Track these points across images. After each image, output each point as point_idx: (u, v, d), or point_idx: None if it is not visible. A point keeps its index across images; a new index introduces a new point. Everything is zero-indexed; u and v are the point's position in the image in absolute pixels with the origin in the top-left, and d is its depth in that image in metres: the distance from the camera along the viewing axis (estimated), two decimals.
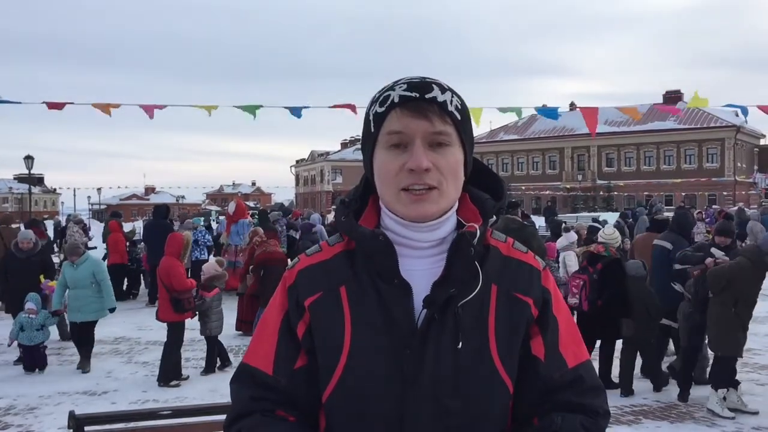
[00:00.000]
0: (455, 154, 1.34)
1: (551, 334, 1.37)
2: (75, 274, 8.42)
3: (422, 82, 1.34)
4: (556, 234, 13.48)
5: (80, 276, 8.40)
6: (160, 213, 14.13)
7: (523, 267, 1.40)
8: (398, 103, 1.31)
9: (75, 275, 8.42)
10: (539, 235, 9.84)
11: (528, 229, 9.07)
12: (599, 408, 1.38)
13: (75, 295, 8.40)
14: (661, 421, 6.37)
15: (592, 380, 1.39)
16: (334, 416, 1.33)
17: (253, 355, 1.40)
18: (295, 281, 1.39)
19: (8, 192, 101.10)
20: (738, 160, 56.02)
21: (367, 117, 1.38)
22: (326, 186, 77.72)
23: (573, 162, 62.47)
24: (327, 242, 1.45)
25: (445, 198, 1.33)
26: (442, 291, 1.29)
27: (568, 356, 1.38)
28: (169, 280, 7.67)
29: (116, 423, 3.69)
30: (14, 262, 9.20)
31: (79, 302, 8.40)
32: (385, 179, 1.34)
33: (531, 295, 1.37)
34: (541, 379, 1.35)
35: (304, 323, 1.35)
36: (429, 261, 1.35)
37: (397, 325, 1.29)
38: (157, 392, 7.42)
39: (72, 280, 8.41)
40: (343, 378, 1.30)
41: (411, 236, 1.35)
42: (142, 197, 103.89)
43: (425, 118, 1.30)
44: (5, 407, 6.98)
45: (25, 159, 32.06)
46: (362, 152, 1.43)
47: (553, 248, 11.33)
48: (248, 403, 1.36)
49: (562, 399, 1.35)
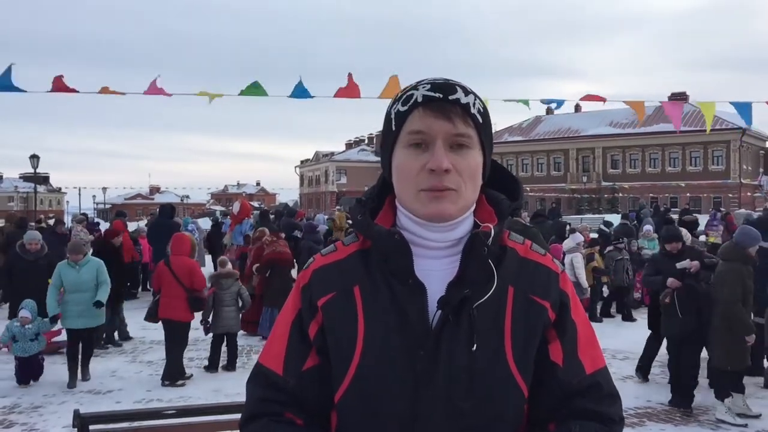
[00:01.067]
0: (475, 156, 1.34)
1: (570, 339, 1.36)
2: (77, 277, 7.67)
3: (446, 83, 1.34)
4: (560, 236, 13.43)
5: (83, 278, 7.69)
6: (165, 213, 14.16)
7: (541, 269, 1.38)
8: (421, 102, 1.31)
9: (77, 277, 7.67)
10: (542, 237, 9.80)
11: (530, 231, 9.07)
12: (615, 416, 1.37)
13: (75, 300, 7.62)
14: (665, 423, 6.36)
15: (608, 387, 1.38)
16: (347, 416, 1.32)
17: (267, 355, 1.41)
18: (309, 281, 1.39)
19: (14, 191, 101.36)
20: (744, 163, 55.83)
21: (389, 115, 1.37)
22: (331, 186, 77.70)
23: (578, 164, 62.37)
24: (342, 242, 1.45)
25: (463, 199, 1.33)
26: (457, 292, 1.28)
27: (587, 362, 1.36)
28: (191, 279, 7.78)
29: (121, 422, 3.70)
30: (20, 264, 8.75)
31: (80, 307, 7.60)
32: (405, 179, 1.33)
33: (548, 298, 1.35)
34: (559, 385, 1.33)
35: (317, 323, 1.35)
36: (444, 261, 1.34)
37: (410, 326, 1.28)
38: (162, 392, 7.42)
39: (73, 283, 7.65)
40: (356, 378, 1.29)
41: (427, 236, 1.35)
42: (147, 197, 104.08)
43: (448, 119, 1.30)
44: (10, 406, 6.99)
45: (31, 158, 32.20)
46: (381, 150, 1.43)
47: (558, 250, 11.30)
48: (258, 404, 1.37)
49: (579, 406, 1.34)
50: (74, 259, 7.80)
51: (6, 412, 6.79)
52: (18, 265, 8.73)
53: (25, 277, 8.58)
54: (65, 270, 7.76)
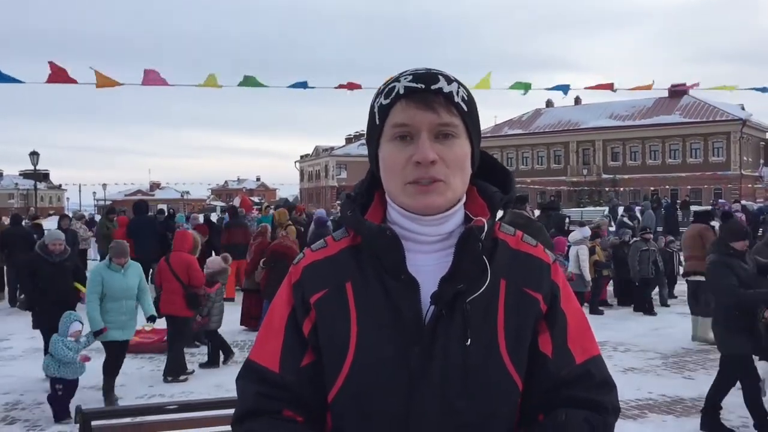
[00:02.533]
0: (462, 146, 1.32)
1: (559, 329, 1.35)
2: (123, 282, 6.82)
3: (428, 73, 1.32)
4: (560, 229, 13.44)
5: (130, 284, 6.87)
6: (141, 209, 14.34)
7: (533, 261, 1.37)
8: (404, 94, 1.30)
9: (123, 283, 6.82)
10: (546, 231, 9.77)
11: (534, 224, 9.04)
12: (608, 404, 1.34)
13: (120, 308, 6.81)
14: (666, 415, 6.37)
15: (601, 376, 1.36)
16: (341, 414, 1.31)
17: (259, 352, 1.38)
18: (300, 278, 1.37)
19: (14, 188, 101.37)
20: (744, 154, 55.75)
21: (372, 109, 1.36)
22: (331, 181, 77.68)
23: (578, 156, 62.30)
24: (333, 237, 1.42)
25: (452, 190, 1.31)
26: (450, 287, 1.27)
27: (576, 351, 1.35)
28: (188, 275, 7.81)
29: (123, 417, 3.71)
30: (45, 267, 7.48)
31: (125, 317, 6.87)
32: (392, 172, 1.32)
33: (540, 290, 1.34)
34: (548, 376, 1.32)
35: (310, 321, 1.34)
36: (436, 256, 1.33)
37: (404, 322, 1.27)
38: (163, 387, 7.44)
39: (119, 290, 6.80)
40: (349, 376, 1.28)
41: (418, 230, 1.34)
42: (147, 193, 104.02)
43: (431, 110, 1.28)
44: (12, 402, 7.01)
45: (31, 155, 32.18)
46: (367, 145, 1.41)
47: (563, 242, 11.25)
48: (255, 399, 1.34)
49: (569, 395, 1.32)
50: (119, 263, 6.88)
51: (9, 409, 6.80)
52: (43, 268, 7.51)
53: (51, 281, 7.47)
54: (109, 275, 6.82)
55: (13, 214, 16.25)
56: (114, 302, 6.79)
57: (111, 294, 6.78)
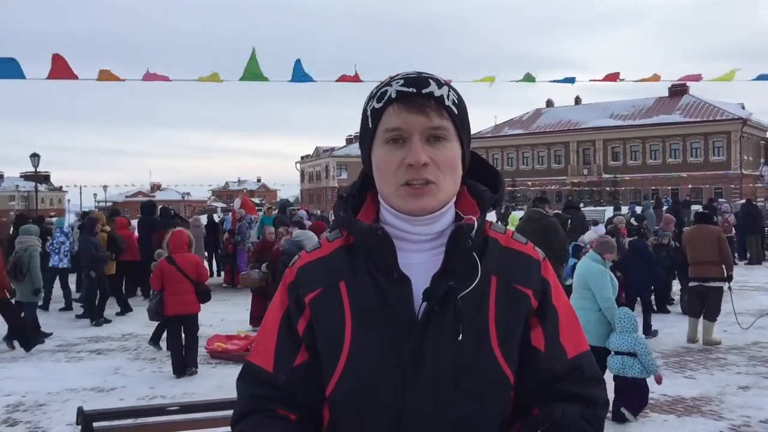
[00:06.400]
0: (453, 148, 1.35)
1: (551, 324, 1.38)
2: None
3: (419, 77, 1.35)
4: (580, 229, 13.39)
5: None
6: (148, 210, 14.61)
7: (523, 258, 1.40)
8: (395, 98, 1.32)
9: None
10: (560, 228, 9.70)
11: (548, 220, 9.04)
12: (598, 398, 1.39)
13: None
14: (668, 414, 6.36)
15: (591, 370, 1.40)
16: (337, 410, 1.34)
17: (256, 352, 1.42)
18: (295, 279, 1.41)
19: (15, 190, 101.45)
20: (744, 153, 55.76)
21: (365, 113, 1.39)
22: (331, 182, 77.72)
23: (578, 156, 62.32)
24: (327, 238, 1.46)
25: (444, 192, 1.35)
26: (441, 283, 1.30)
27: (568, 346, 1.38)
28: (197, 272, 8.04)
29: (124, 419, 3.71)
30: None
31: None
32: (385, 175, 1.35)
33: (530, 286, 1.37)
34: (541, 370, 1.35)
35: (305, 319, 1.37)
36: (428, 254, 1.36)
37: (397, 319, 1.30)
38: (165, 388, 7.45)
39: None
40: (344, 372, 1.31)
41: (409, 230, 1.37)
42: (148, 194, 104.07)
43: (422, 113, 1.31)
44: (14, 404, 7.02)
45: (32, 157, 32.25)
46: (360, 148, 1.45)
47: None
48: (250, 401, 1.38)
49: (561, 389, 1.35)
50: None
51: (10, 410, 6.81)
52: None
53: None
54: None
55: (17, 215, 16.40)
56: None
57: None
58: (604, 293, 6.40)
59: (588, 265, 6.71)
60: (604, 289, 6.42)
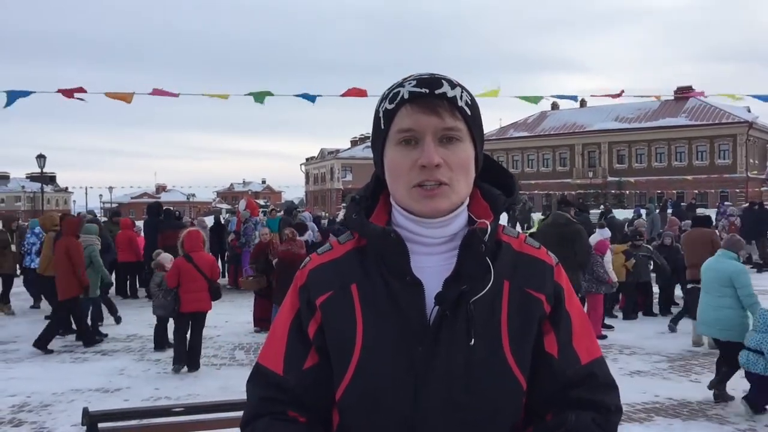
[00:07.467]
0: (466, 149, 1.34)
1: (564, 330, 1.37)
2: None
3: (432, 77, 1.34)
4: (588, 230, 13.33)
5: None
6: (154, 211, 14.82)
7: (536, 263, 1.39)
8: (408, 99, 1.31)
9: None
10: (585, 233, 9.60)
11: (574, 226, 8.99)
12: (611, 405, 1.37)
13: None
14: (673, 418, 6.34)
15: (604, 377, 1.39)
16: (347, 413, 1.33)
17: (265, 355, 1.42)
18: (306, 281, 1.40)
19: (21, 191, 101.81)
20: (750, 156, 55.58)
21: (377, 114, 1.37)
22: (336, 184, 77.75)
23: (584, 159, 62.19)
24: (338, 240, 1.45)
25: (456, 193, 1.33)
26: (454, 287, 1.29)
27: (582, 352, 1.37)
28: (212, 271, 8.28)
29: (130, 420, 3.71)
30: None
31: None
32: (397, 176, 1.34)
33: (543, 291, 1.36)
34: (554, 376, 1.34)
35: (316, 322, 1.36)
36: (440, 258, 1.35)
37: (408, 323, 1.29)
38: (170, 389, 7.46)
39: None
40: (355, 376, 1.30)
41: (422, 233, 1.35)
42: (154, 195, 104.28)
43: (435, 114, 1.30)
44: (19, 404, 7.03)
45: (38, 158, 32.35)
46: (372, 149, 1.43)
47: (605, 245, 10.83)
48: (259, 403, 1.38)
49: (574, 395, 1.34)
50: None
51: (15, 411, 6.83)
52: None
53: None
54: None
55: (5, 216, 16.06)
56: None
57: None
58: (749, 290, 6.67)
59: (728, 264, 6.92)
60: (749, 287, 6.70)
